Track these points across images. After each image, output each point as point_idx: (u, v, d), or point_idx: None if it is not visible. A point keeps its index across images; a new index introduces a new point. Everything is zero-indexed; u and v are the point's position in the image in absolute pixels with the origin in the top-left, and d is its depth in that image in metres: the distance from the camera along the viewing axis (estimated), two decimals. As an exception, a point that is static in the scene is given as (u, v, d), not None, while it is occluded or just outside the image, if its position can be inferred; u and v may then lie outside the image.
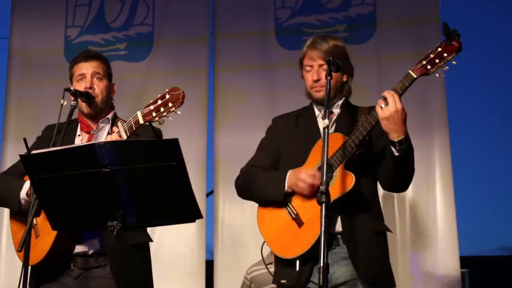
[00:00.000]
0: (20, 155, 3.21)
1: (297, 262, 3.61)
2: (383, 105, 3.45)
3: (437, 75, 3.50)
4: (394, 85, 3.52)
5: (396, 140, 3.47)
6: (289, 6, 6.90)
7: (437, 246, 6.19)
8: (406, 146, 3.49)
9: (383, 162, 3.66)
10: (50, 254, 3.74)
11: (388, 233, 3.79)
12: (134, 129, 3.56)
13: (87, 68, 4.03)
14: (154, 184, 3.15)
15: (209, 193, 6.95)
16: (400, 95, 3.47)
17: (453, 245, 6.20)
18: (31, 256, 3.54)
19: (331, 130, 3.71)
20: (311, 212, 3.50)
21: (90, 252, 3.83)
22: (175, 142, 3.06)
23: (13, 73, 7.15)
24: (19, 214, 3.90)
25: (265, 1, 6.98)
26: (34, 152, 3.20)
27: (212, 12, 7.09)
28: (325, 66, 3.69)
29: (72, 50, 7.06)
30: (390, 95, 3.45)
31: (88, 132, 4.01)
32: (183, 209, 3.22)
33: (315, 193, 3.46)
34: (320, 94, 3.77)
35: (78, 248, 3.83)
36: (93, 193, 3.18)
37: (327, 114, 3.31)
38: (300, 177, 3.60)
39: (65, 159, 3.16)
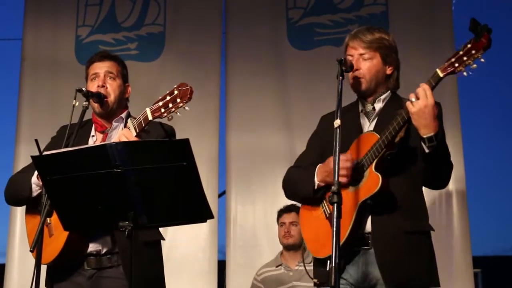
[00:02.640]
0: (32, 156, 3.22)
1: (328, 261, 3.43)
2: (413, 99, 3.35)
3: (464, 73, 3.34)
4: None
5: (425, 136, 3.36)
6: (301, 6, 6.90)
7: (450, 245, 6.18)
8: (437, 143, 3.37)
9: (419, 159, 3.55)
10: (63, 253, 3.74)
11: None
12: (143, 125, 3.56)
13: (100, 67, 4.04)
14: (166, 184, 3.15)
15: (221, 194, 6.95)
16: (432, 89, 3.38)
17: (466, 244, 6.18)
18: (45, 255, 3.56)
19: (372, 126, 3.67)
20: (343, 211, 3.28)
21: (103, 251, 3.84)
22: (186, 142, 3.06)
23: (25, 74, 7.17)
24: (33, 209, 3.91)
25: (277, 1, 6.98)
26: (45, 153, 3.21)
27: (224, 12, 7.10)
28: (366, 55, 3.68)
29: (82, 50, 7.10)
30: (421, 89, 3.36)
31: (102, 132, 4.02)
32: (194, 209, 3.21)
33: (352, 178, 3.46)
34: (358, 86, 3.68)
35: (91, 248, 3.83)
36: (105, 194, 3.18)
37: (339, 114, 3.26)
38: (331, 166, 3.41)
39: (76, 160, 3.16)
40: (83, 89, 3.89)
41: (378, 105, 3.75)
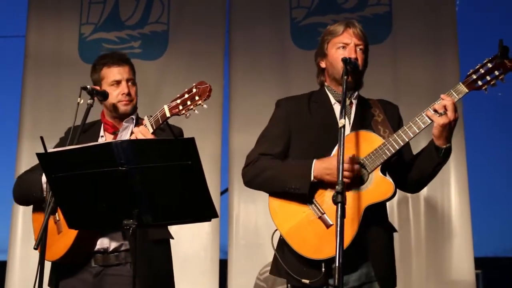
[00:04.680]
0: (37, 154, 3.22)
1: (322, 263, 3.48)
2: (442, 112, 3.41)
3: (486, 92, 3.44)
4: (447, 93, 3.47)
5: (444, 147, 3.47)
6: (304, 6, 6.89)
7: (452, 246, 6.18)
8: (449, 153, 3.52)
9: (414, 164, 3.63)
10: (71, 250, 3.76)
11: (402, 234, 3.77)
12: (161, 122, 3.58)
13: (121, 73, 4.06)
14: (170, 183, 3.16)
15: (223, 191, 6.94)
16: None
17: (468, 245, 6.18)
18: (52, 252, 3.63)
19: (351, 123, 3.68)
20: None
21: (111, 249, 3.85)
22: (191, 142, 3.06)
23: (28, 72, 7.16)
24: (40, 207, 3.92)
25: (281, 1, 6.97)
26: (50, 150, 3.22)
27: (228, 11, 7.09)
28: (361, 46, 3.69)
29: (86, 48, 7.11)
30: (450, 103, 3.42)
31: (114, 133, 4.05)
32: (199, 208, 3.23)
33: (351, 181, 3.44)
34: (353, 75, 3.60)
35: (99, 245, 3.85)
36: (110, 192, 3.20)
37: (344, 113, 3.22)
38: (334, 163, 3.34)
39: (81, 158, 3.17)
40: (88, 86, 3.90)
41: (355, 101, 3.77)
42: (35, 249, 3.44)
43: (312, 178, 3.54)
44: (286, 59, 6.81)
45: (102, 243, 3.84)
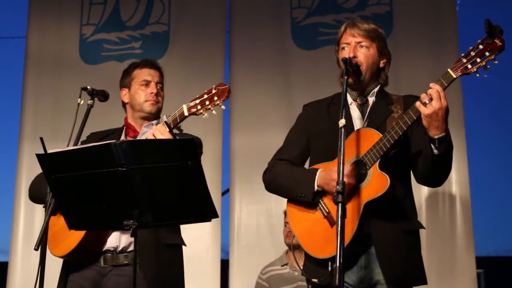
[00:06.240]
0: (37, 155, 3.22)
1: (329, 262, 3.45)
2: (427, 101, 3.31)
3: (477, 75, 3.30)
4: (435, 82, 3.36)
5: (436, 137, 3.34)
6: (305, 6, 6.90)
7: (453, 246, 6.18)
8: (446, 143, 3.37)
9: (421, 157, 3.53)
10: (79, 248, 3.78)
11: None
12: (178, 121, 3.63)
13: (152, 75, 4.17)
14: (170, 183, 3.16)
15: (224, 192, 6.94)
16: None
17: (469, 245, 6.18)
18: (62, 247, 3.68)
19: (364, 122, 3.65)
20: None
21: (120, 248, 3.87)
22: (190, 142, 3.07)
23: (29, 72, 7.17)
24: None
25: (281, 1, 6.98)
26: (50, 151, 3.22)
27: (228, 11, 7.09)
28: (364, 43, 3.66)
29: (87, 49, 7.11)
30: (435, 90, 3.30)
31: (134, 137, 4.09)
32: (199, 208, 3.23)
33: (347, 191, 3.38)
34: (355, 74, 3.60)
35: (109, 244, 3.87)
36: (110, 192, 3.20)
37: (343, 113, 3.21)
38: (333, 177, 3.39)
39: (81, 158, 3.17)
40: (88, 87, 3.93)
41: (371, 99, 3.74)
42: (36, 249, 3.45)
43: (316, 188, 3.58)
44: (287, 59, 6.81)
45: (111, 242, 3.86)
